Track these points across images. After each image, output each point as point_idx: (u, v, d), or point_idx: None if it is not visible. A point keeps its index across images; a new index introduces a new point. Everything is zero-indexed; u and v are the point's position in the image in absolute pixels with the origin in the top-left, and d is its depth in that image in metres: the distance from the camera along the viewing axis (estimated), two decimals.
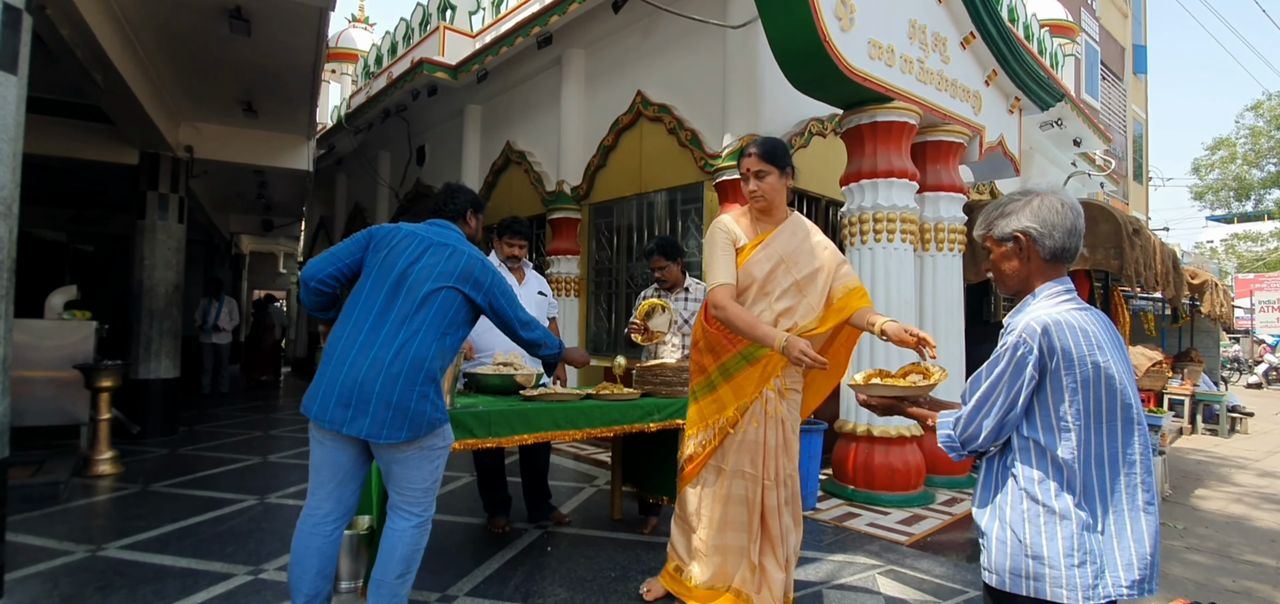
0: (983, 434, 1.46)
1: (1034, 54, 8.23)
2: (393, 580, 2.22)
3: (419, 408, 2.16)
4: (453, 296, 2.30)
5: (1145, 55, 16.82)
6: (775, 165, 2.62)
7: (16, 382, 3.09)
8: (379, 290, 2.25)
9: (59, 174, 8.04)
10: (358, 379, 2.12)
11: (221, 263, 13.78)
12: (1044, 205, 1.50)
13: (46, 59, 4.29)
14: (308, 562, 2.20)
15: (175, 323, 6.69)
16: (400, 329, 2.19)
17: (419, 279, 2.26)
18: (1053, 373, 1.39)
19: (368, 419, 2.11)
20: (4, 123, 2.66)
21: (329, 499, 2.24)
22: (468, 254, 2.39)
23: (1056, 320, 1.39)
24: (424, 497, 2.28)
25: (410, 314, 2.22)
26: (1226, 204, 29.53)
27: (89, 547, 3.32)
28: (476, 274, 2.36)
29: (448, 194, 2.62)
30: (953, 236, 5.13)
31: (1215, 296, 8.98)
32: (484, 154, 8.60)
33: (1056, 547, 1.40)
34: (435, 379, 2.24)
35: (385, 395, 2.11)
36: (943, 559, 3.49)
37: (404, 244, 2.32)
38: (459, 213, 2.59)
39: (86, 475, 4.69)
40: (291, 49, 5.32)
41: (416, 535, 2.26)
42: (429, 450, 2.25)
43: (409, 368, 2.15)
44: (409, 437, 2.15)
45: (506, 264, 3.75)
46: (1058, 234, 1.47)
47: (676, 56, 6.03)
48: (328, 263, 2.32)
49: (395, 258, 2.29)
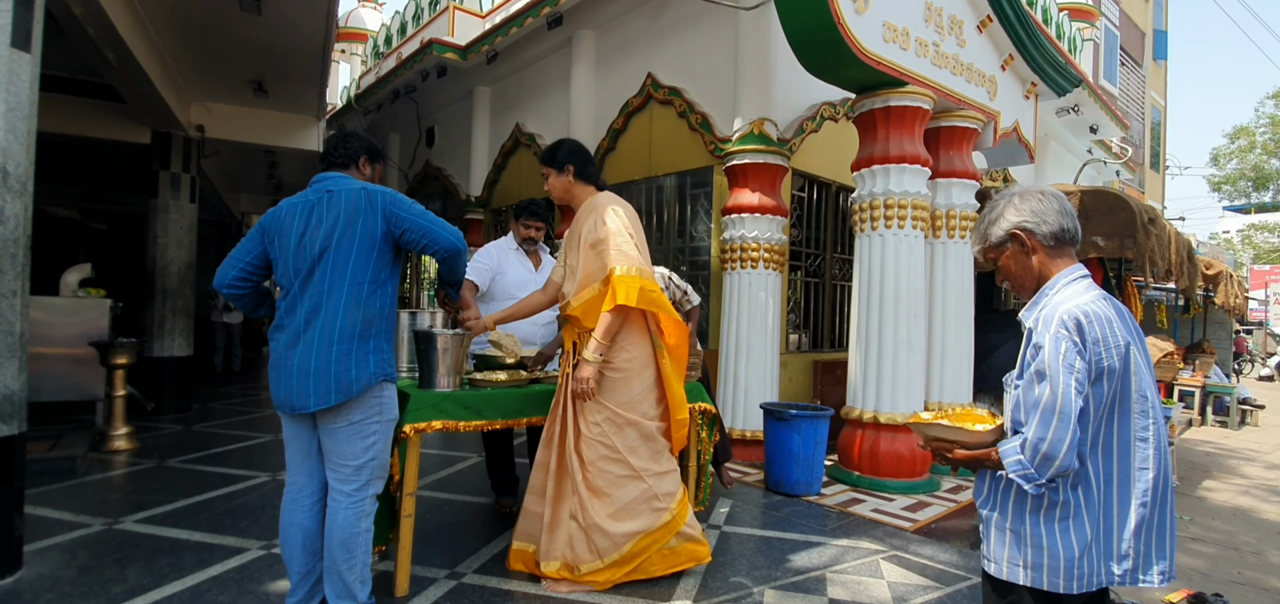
0: (1063, 448, 1.34)
1: (1052, 38, 8.10)
2: (339, 564, 2.21)
3: (341, 369, 2.16)
4: (353, 246, 2.21)
5: (1166, 41, 16.51)
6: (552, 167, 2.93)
7: (33, 358, 3.14)
8: (286, 273, 2.24)
9: (72, 152, 8.11)
10: (288, 358, 2.18)
11: (232, 243, 13.87)
12: (1025, 201, 1.52)
13: (59, 37, 4.31)
14: (293, 537, 2.27)
15: (188, 302, 6.76)
16: (306, 299, 2.19)
17: (310, 246, 2.20)
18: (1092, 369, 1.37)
19: (294, 393, 2.17)
20: (18, 101, 2.68)
21: (300, 473, 2.31)
22: (345, 190, 2.25)
23: (1086, 312, 1.38)
24: (356, 474, 2.24)
25: (312, 283, 2.19)
26: (1244, 194, 29.11)
27: (106, 520, 3.38)
28: (361, 205, 2.23)
29: (339, 140, 2.44)
30: (964, 224, 5.09)
31: (1229, 288, 8.87)
32: (493, 135, 8.58)
33: (1055, 537, 1.40)
34: (358, 335, 2.19)
35: (303, 365, 2.16)
36: (947, 546, 3.50)
37: (289, 219, 2.25)
38: (350, 158, 2.42)
39: (103, 450, 4.77)
40: (302, 29, 5.32)
41: (350, 515, 2.22)
42: (360, 426, 2.22)
43: (318, 334, 2.16)
44: (338, 400, 2.16)
45: (523, 246, 3.75)
46: (1051, 217, 1.48)
47: (687, 38, 5.98)
48: (231, 266, 2.29)
49: (287, 237, 2.23)
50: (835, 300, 6.40)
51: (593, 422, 2.72)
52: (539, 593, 2.72)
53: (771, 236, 5.17)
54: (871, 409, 4.58)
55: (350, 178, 2.35)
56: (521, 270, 3.69)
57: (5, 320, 2.66)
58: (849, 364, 4.85)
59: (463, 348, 2.79)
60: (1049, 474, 1.35)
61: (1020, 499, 1.44)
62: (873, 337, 4.59)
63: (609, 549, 2.71)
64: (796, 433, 4.25)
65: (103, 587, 2.62)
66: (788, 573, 3.04)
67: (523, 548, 2.87)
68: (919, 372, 4.66)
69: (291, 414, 2.25)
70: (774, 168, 5.20)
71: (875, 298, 4.59)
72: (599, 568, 2.71)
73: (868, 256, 4.64)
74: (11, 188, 2.67)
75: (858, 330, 4.71)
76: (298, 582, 2.28)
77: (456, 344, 2.74)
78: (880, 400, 4.55)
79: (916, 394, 4.61)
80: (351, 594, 2.23)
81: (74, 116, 6.62)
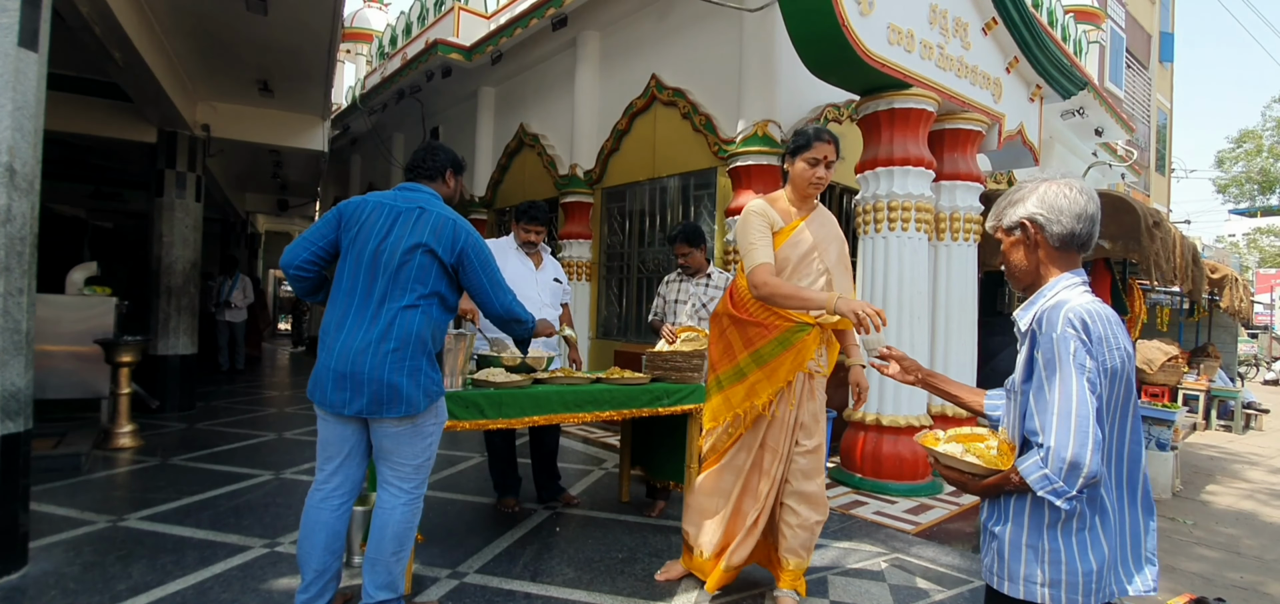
0: (1088, 453, 1.24)
1: (1057, 40, 8.08)
2: (387, 558, 2.24)
3: (412, 385, 2.18)
4: (427, 262, 2.24)
5: (1172, 43, 16.45)
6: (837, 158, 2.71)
7: (39, 355, 3.15)
8: (358, 271, 2.24)
9: (79, 150, 8.15)
10: (350, 362, 2.16)
11: (237, 242, 13.92)
12: (1051, 190, 1.42)
13: (66, 36, 4.34)
14: (316, 535, 2.25)
15: (192, 300, 6.79)
16: (383, 307, 2.20)
17: (392, 253, 2.21)
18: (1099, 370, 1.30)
19: (364, 399, 2.16)
20: (25, 100, 2.70)
21: (336, 474, 2.30)
22: (436, 214, 2.30)
23: (1089, 312, 1.32)
24: (415, 474, 2.28)
25: (390, 291, 2.21)
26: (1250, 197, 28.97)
27: (110, 517, 3.40)
28: (446, 234, 2.27)
29: (426, 152, 2.48)
30: (968, 226, 5.08)
31: (1235, 291, 8.84)
32: (497, 136, 8.60)
33: (1073, 551, 1.34)
34: (426, 352, 2.23)
35: (376, 375, 2.15)
36: (949, 548, 3.49)
37: (372, 218, 2.27)
38: (437, 171, 2.46)
39: (107, 448, 4.79)
40: (307, 29, 5.34)
41: (407, 512, 2.27)
42: (420, 428, 2.25)
43: (397, 346, 2.17)
44: (404, 413, 2.18)
45: (523, 249, 3.76)
46: (1065, 219, 1.39)
47: (692, 40, 5.99)
48: (302, 248, 2.30)
49: (367, 234, 2.25)
50: None
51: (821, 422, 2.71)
52: (541, 592, 2.73)
53: None
54: (874, 412, 4.58)
55: (438, 195, 2.42)
56: (521, 268, 3.70)
57: (12, 318, 2.68)
58: None
59: (466, 348, 2.80)
60: (1079, 483, 1.25)
61: (1036, 512, 1.37)
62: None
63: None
64: None
65: (107, 584, 2.63)
66: None
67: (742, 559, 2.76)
68: None
69: (344, 416, 2.23)
70: (778, 169, 5.19)
71: (878, 300, 4.58)
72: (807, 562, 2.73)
73: (871, 259, 4.64)
74: (19, 186, 2.68)
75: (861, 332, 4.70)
76: (312, 579, 2.25)
77: (459, 344, 2.75)
78: (883, 402, 4.54)
79: (919, 397, 4.61)
80: (395, 586, 2.27)
81: (81, 115, 6.65)
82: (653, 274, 6.33)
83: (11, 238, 2.67)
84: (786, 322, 2.60)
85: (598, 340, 7.01)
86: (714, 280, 3.94)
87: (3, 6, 2.61)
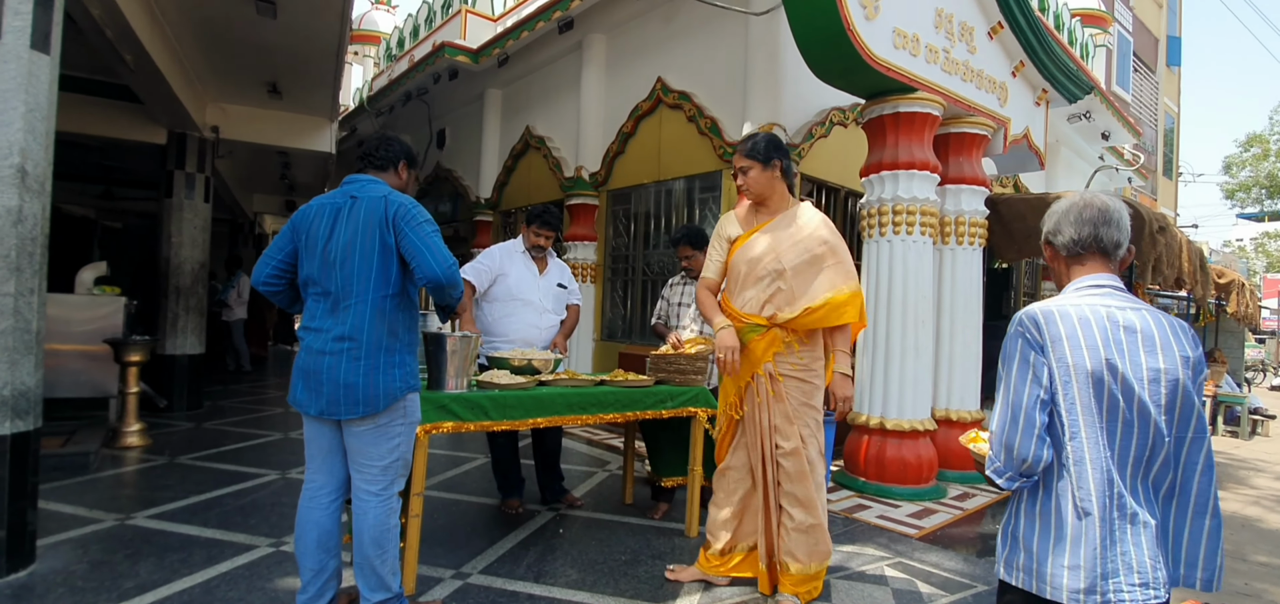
0: (1017, 440, 1.34)
1: (1064, 45, 8.06)
2: (371, 559, 2.25)
3: (368, 383, 2.19)
4: (369, 252, 2.22)
5: (1180, 47, 16.38)
6: (756, 160, 2.75)
7: (48, 354, 3.19)
8: (313, 275, 2.27)
9: (89, 151, 8.22)
10: (312, 362, 2.21)
11: (245, 242, 14.00)
12: (1058, 205, 1.50)
13: (77, 38, 4.38)
14: (307, 534, 2.29)
15: (200, 300, 6.83)
16: (337, 307, 2.22)
17: (338, 251, 2.22)
18: (1052, 366, 1.34)
19: (323, 400, 2.19)
20: (37, 101, 2.73)
21: (320, 472, 2.33)
22: (366, 198, 2.26)
23: (1049, 309, 1.36)
24: (382, 475, 2.28)
25: (342, 289, 2.22)
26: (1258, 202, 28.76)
27: (118, 515, 3.43)
28: (377, 212, 2.23)
29: (380, 141, 2.45)
30: (973, 230, 5.07)
31: (1242, 297, 8.79)
32: (504, 138, 8.62)
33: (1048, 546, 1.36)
34: (384, 348, 2.23)
35: (332, 375, 2.18)
36: (953, 553, 3.49)
37: (317, 220, 2.27)
38: (389, 162, 2.43)
39: (115, 447, 4.82)
40: (316, 31, 5.37)
41: (380, 513, 2.26)
42: (385, 428, 2.25)
43: (351, 345, 2.19)
44: (363, 412, 2.20)
45: (531, 253, 3.77)
46: (1065, 227, 1.46)
47: (697, 43, 6.00)
48: (265, 264, 2.34)
49: (315, 237, 2.26)
50: None
51: (809, 423, 2.74)
52: (544, 594, 2.74)
53: None
54: (878, 415, 4.57)
55: (381, 182, 2.36)
56: (526, 273, 3.71)
57: (23, 318, 2.70)
58: (856, 370, 4.84)
59: (470, 350, 2.82)
60: (1013, 466, 1.36)
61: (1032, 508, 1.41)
62: (880, 342, 4.58)
63: (824, 554, 2.73)
64: None
65: (114, 581, 2.66)
66: None
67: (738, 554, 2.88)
68: (927, 378, 4.64)
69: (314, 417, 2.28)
70: None
71: (883, 303, 4.58)
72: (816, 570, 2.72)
73: (876, 262, 4.64)
74: (30, 188, 2.71)
75: (865, 336, 4.71)
76: (309, 579, 2.29)
77: (464, 346, 2.77)
78: (887, 406, 4.54)
79: (924, 401, 4.60)
80: (386, 586, 2.28)
81: (91, 116, 6.71)
82: (657, 277, 6.34)
83: (23, 238, 2.69)
84: (741, 323, 2.75)
85: (602, 342, 7.02)
86: None
87: (15, 9, 2.64)
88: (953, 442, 4.97)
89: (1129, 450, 1.33)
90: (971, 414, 5.06)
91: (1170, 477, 1.36)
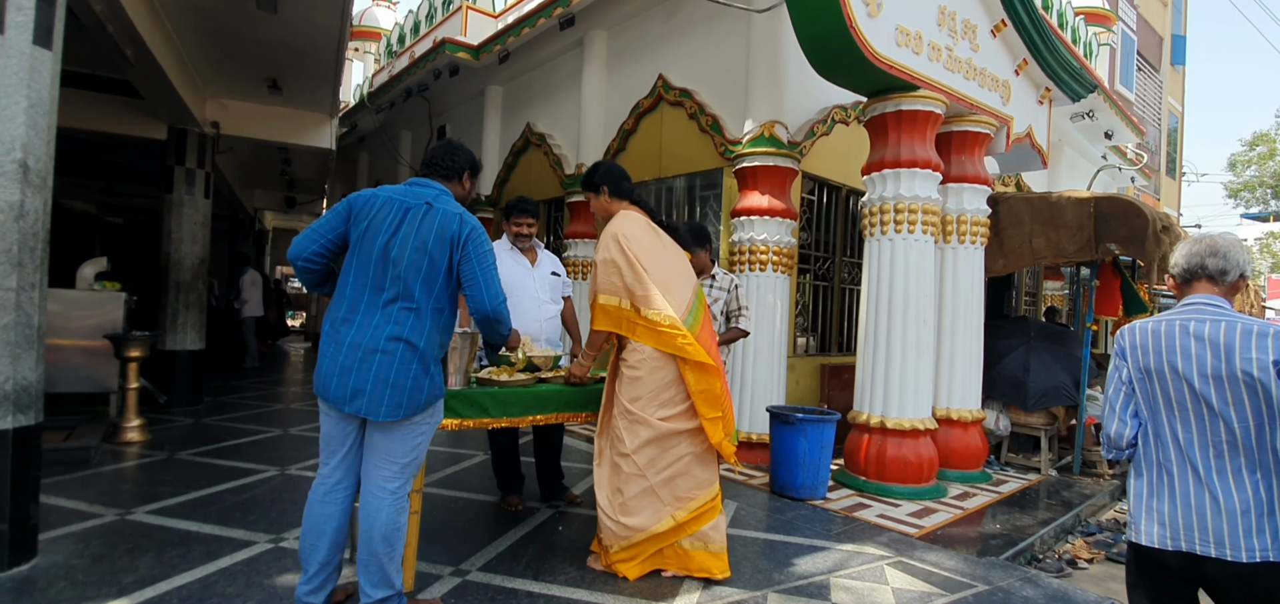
0: (1112, 426, 1.84)
1: (1067, 43, 8.03)
2: (380, 556, 2.25)
3: (414, 387, 2.20)
4: (434, 263, 2.24)
5: (1184, 46, 16.32)
6: (590, 190, 3.10)
7: (49, 349, 3.18)
8: (367, 267, 2.24)
9: (90, 147, 8.22)
10: (355, 359, 2.17)
11: (245, 239, 14.00)
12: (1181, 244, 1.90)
13: (79, 34, 4.38)
14: (324, 528, 2.27)
15: (201, 296, 6.83)
16: (391, 307, 2.21)
17: (400, 251, 2.22)
18: (1130, 368, 1.81)
19: (364, 399, 2.17)
20: (39, 97, 2.73)
21: (339, 468, 2.31)
22: (443, 211, 2.28)
23: (1134, 325, 1.83)
24: (401, 472, 2.28)
25: (396, 289, 2.22)
26: (1263, 202, 28.66)
27: (118, 510, 3.43)
28: (451, 229, 2.26)
29: (446, 149, 2.46)
30: (975, 229, 5.06)
31: (1246, 297, 8.77)
32: (504, 135, 8.62)
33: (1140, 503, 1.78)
34: (426, 357, 2.24)
35: (381, 375, 2.17)
36: (953, 552, 3.48)
37: (382, 213, 2.26)
38: (455, 171, 2.45)
39: (115, 442, 4.83)
40: (316, 27, 5.37)
41: (392, 510, 2.26)
42: (414, 427, 2.27)
43: (402, 348, 2.19)
44: (406, 415, 2.21)
45: (516, 244, 3.77)
46: (1179, 258, 1.85)
47: (699, 40, 5.98)
48: (311, 240, 2.29)
49: (376, 230, 2.25)
50: (844, 304, 6.38)
51: (614, 416, 2.91)
52: (543, 591, 2.74)
53: (781, 239, 5.16)
54: (879, 414, 4.56)
55: (451, 193, 2.40)
56: (517, 268, 3.71)
57: (24, 313, 2.71)
58: (857, 368, 4.84)
59: (471, 347, 2.81)
60: (1111, 446, 1.86)
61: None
62: (881, 341, 4.57)
63: (615, 539, 2.87)
64: (803, 437, 4.24)
65: (114, 576, 2.66)
66: (792, 577, 3.04)
67: None
68: (928, 377, 4.64)
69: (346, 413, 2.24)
70: (784, 170, 5.19)
71: (884, 302, 4.57)
72: (616, 554, 2.89)
73: (877, 261, 4.63)
74: (32, 183, 2.71)
75: (866, 334, 4.70)
76: (316, 571, 2.27)
77: (464, 343, 2.76)
78: (888, 405, 4.53)
79: (925, 399, 4.59)
80: (390, 582, 2.28)
81: (92, 112, 6.71)
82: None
83: (25, 233, 2.69)
84: None
85: None
86: (718, 281, 3.93)
87: (19, 5, 2.63)
88: (953, 441, 4.96)
89: (1203, 431, 1.67)
90: (973, 413, 5.06)
91: (1261, 455, 1.62)
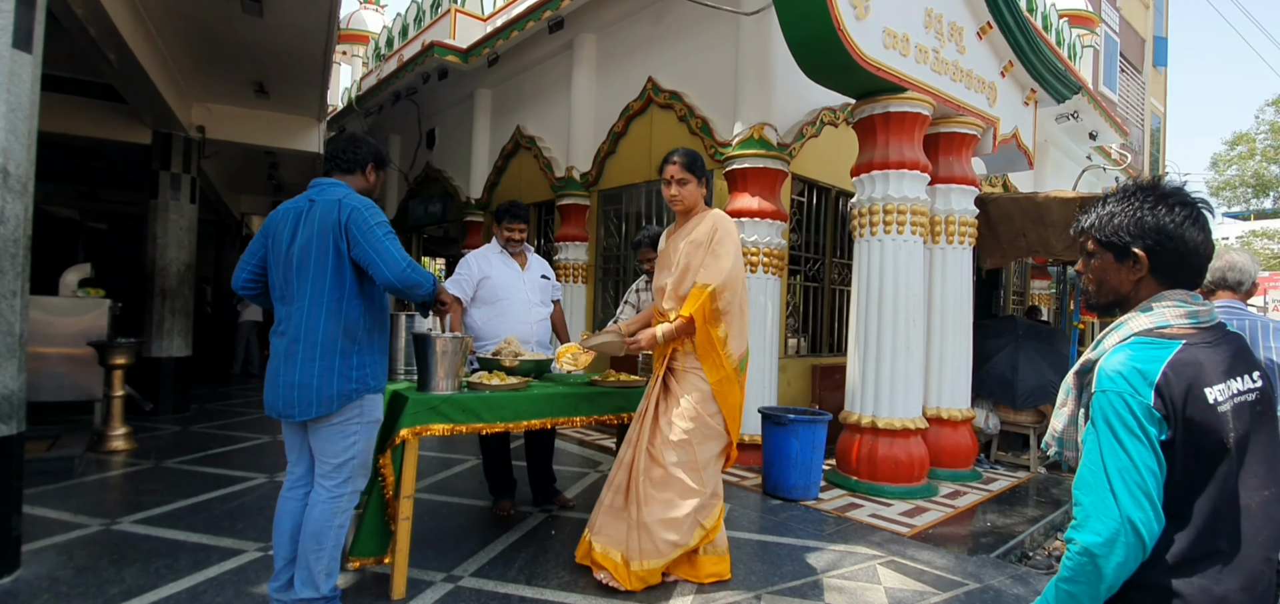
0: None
1: (1052, 45, 8.12)
2: (308, 551, 2.27)
3: (323, 384, 2.23)
4: (323, 255, 2.24)
5: (1166, 47, 16.54)
6: (692, 174, 2.99)
7: (32, 357, 3.14)
8: (277, 278, 2.32)
9: (73, 152, 8.11)
10: (277, 365, 2.27)
11: (232, 244, 13.86)
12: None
13: (61, 37, 4.32)
14: (284, 522, 2.34)
15: (187, 302, 6.76)
16: (295, 308, 2.26)
17: (299, 255, 2.26)
18: None
19: (279, 400, 2.25)
20: (19, 101, 2.69)
21: (299, 465, 2.40)
22: (323, 202, 2.26)
23: None
24: (336, 472, 2.30)
25: (300, 292, 2.26)
26: (1244, 201, 29.10)
27: (103, 520, 3.38)
28: (332, 220, 2.23)
29: (348, 142, 2.44)
30: (963, 229, 5.10)
31: None
32: (494, 138, 8.59)
33: None
34: (339, 349, 2.25)
35: (288, 377, 2.23)
36: (945, 551, 3.50)
37: (282, 224, 2.31)
38: (357, 164, 2.43)
39: (100, 451, 4.76)
40: (303, 30, 5.33)
41: (326, 510, 2.28)
42: (340, 427, 2.29)
43: (307, 346, 2.23)
44: (318, 413, 2.24)
45: (507, 249, 3.76)
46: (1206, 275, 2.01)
47: (688, 43, 5.99)
48: (242, 268, 2.40)
49: (279, 240, 2.31)
50: (834, 305, 6.41)
51: (682, 426, 2.78)
52: (536, 596, 2.72)
53: (771, 241, 5.17)
54: (870, 414, 4.58)
55: (340, 185, 2.36)
56: (507, 272, 3.71)
57: (5, 320, 2.66)
58: (847, 369, 4.85)
59: (461, 351, 2.79)
60: None
61: None
62: (872, 341, 4.59)
63: (659, 556, 2.77)
64: (794, 437, 4.25)
65: (100, 587, 2.62)
66: (784, 577, 3.05)
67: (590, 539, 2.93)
68: (918, 377, 4.66)
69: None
70: (774, 172, 5.20)
71: (874, 302, 4.59)
72: (649, 568, 2.77)
73: (867, 261, 4.65)
74: (12, 188, 2.67)
75: (857, 335, 4.72)
76: (282, 567, 2.35)
77: (455, 347, 2.74)
78: (878, 405, 4.55)
79: (915, 399, 4.62)
80: (314, 584, 2.28)
81: (75, 116, 6.62)
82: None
83: (5, 240, 2.65)
84: None
85: None
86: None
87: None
88: (944, 440, 4.99)
89: None
90: (962, 412, 5.09)
91: None
